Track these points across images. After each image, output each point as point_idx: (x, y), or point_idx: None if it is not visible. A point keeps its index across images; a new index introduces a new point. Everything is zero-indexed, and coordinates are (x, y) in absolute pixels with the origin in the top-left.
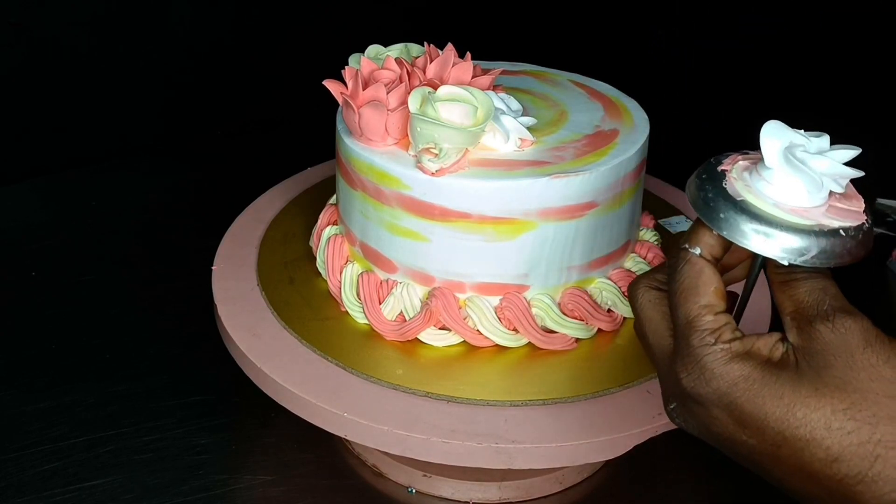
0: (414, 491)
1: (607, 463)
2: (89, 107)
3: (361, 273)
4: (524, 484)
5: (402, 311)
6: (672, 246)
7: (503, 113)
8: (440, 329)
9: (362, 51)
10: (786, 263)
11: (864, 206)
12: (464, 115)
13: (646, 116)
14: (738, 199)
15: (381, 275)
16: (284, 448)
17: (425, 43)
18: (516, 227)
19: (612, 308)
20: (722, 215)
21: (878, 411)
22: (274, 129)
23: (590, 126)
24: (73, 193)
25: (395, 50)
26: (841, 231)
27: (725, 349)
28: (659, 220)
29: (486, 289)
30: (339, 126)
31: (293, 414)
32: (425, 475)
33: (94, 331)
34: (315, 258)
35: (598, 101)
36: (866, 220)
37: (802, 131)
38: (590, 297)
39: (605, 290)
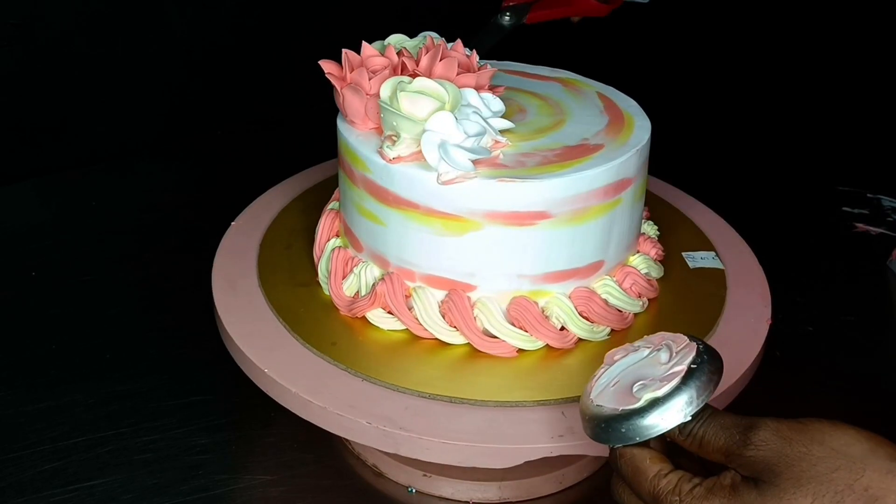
0: (414, 491)
1: (607, 463)
2: (89, 107)
3: (336, 247)
4: (524, 484)
5: (358, 290)
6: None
7: (475, 112)
8: (388, 313)
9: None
10: (688, 419)
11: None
12: (427, 108)
13: (645, 138)
14: (625, 411)
15: (352, 252)
16: (284, 448)
17: (430, 37)
18: (462, 224)
19: (564, 326)
20: (625, 431)
21: (835, 487)
22: (274, 128)
23: (577, 138)
24: (73, 193)
25: (417, 40)
26: (690, 368)
27: (691, 496)
28: (683, 253)
29: (433, 281)
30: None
31: (293, 414)
32: (425, 475)
33: (94, 331)
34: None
35: (609, 115)
36: (697, 351)
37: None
38: (539, 309)
39: (559, 307)
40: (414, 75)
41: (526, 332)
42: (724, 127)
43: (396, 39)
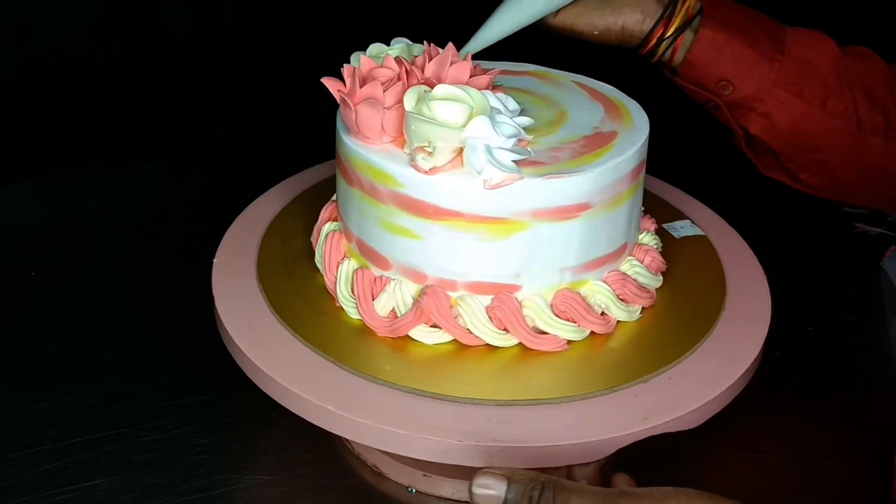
0: (414, 491)
1: (607, 462)
2: (89, 107)
3: (356, 269)
4: None
5: (394, 308)
6: (672, 248)
7: (499, 113)
8: (431, 326)
9: (363, 50)
10: None
11: None
12: (459, 114)
13: (646, 118)
14: None
15: (376, 271)
16: (284, 448)
17: (425, 42)
18: (508, 226)
19: (605, 311)
20: None
21: None
22: (274, 128)
23: (588, 127)
24: (73, 193)
25: (397, 49)
26: None
27: None
28: (662, 225)
29: (477, 287)
30: (339, 124)
31: (293, 414)
32: (425, 475)
33: (94, 331)
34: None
35: (599, 101)
36: None
37: None
38: (583, 299)
39: (599, 293)
40: (427, 83)
41: (574, 322)
42: (723, 126)
43: (376, 50)
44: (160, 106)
